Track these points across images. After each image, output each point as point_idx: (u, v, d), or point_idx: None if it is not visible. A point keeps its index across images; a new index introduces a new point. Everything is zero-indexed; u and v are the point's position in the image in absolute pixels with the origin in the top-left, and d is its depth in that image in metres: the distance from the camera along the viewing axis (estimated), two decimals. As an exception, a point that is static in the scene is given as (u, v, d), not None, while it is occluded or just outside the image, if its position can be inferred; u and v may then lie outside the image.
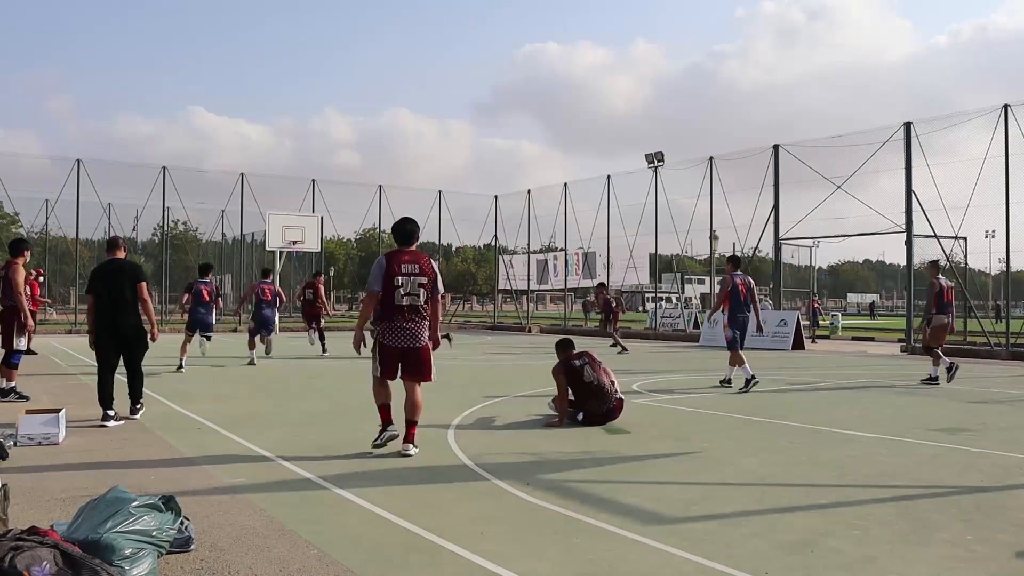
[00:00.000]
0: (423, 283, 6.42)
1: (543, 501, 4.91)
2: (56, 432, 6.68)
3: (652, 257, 30.43)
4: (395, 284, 6.33)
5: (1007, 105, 19.28)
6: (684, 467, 6.05)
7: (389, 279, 6.35)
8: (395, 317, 6.37)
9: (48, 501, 4.84)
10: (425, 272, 6.45)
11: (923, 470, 5.98)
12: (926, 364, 13.04)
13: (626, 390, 11.06)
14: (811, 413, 8.96)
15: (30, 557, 3.05)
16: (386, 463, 6.06)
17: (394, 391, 6.55)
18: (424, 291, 6.43)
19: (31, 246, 10.15)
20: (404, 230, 6.66)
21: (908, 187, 21.10)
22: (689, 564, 3.79)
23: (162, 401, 9.43)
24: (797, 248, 27.18)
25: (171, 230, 40.59)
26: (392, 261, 6.41)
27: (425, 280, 6.43)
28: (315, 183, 32.43)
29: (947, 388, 11.83)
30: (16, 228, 39.67)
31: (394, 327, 6.38)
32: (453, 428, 7.66)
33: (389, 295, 6.35)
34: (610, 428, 7.75)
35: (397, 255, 6.48)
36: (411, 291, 6.37)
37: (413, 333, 6.41)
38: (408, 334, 6.40)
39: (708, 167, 26.84)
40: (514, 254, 37.07)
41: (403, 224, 6.73)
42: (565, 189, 32.82)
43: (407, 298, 6.36)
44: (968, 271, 22.38)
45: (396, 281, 6.34)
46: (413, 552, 3.96)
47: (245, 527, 4.33)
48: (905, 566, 3.78)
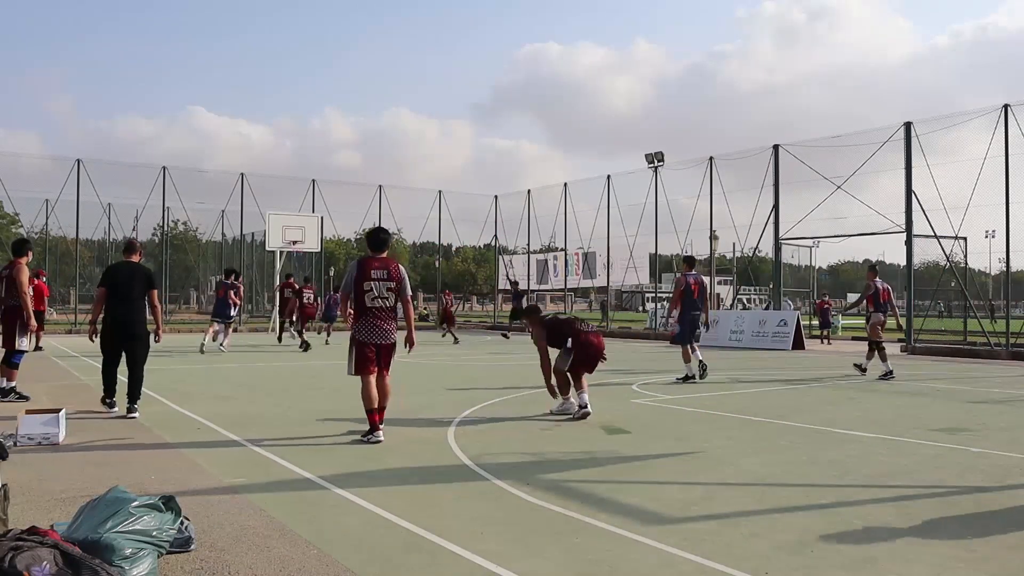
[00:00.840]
0: (391, 287, 7.07)
1: (543, 501, 4.91)
2: (56, 432, 6.69)
3: (652, 257, 30.44)
4: (364, 288, 6.99)
5: (1007, 105, 19.28)
6: (684, 467, 6.05)
7: (360, 283, 7.00)
8: (368, 317, 7.00)
9: (48, 501, 4.84)
10: (393, 277, 7.09)
11: (923, 470, 5.98)
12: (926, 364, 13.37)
13: (626, 390, 11.09)
14: (811, 413, 8.96)
15: (30, 557, 3.05)
16: (386, 463, 6.06)
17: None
18: (392, 294, 7.09)
19: (32, 246, 10.22)
20: (377, 238, 7.33)
21: (908, 187, 21.10)
22: (689, 564, 3.79)
23: (162, 401, 9.43)
24: (797, 248, 27.19)
25: (171, 230, 40.63)
26: (364, 266, 7.07)
27: (393, 284, 7.08)
28: (315, 183, 32.43)
29: (947, 388, 11.85)
30: (16, 228, 39.68)
31: (368, 326, 7.00)
32: (453, 428, 7.66)
33: (360, 297, 7.00)
34: (610, 428, 7.76)
35: (369, 261, 7.12)
36: (380, 294, 7.02)
37: (384, 331, 7.07)
38: (380, 332, 7.04)
39: (708, 167, 26.84)
40: (514, 254, 37.08)
41: (376, 233, 7.42)
42: (565, 189, 32.83)
43: (378, 300, 7.02)
44: (968, 271, 22.36)
45: (366, 285, 6.99)
46: (413, 552, 3.96)
47: (245, 527, 4.33)
48: (905, 566, 3.78)
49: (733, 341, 22.66)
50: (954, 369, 15.42)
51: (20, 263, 9.39)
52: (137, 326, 8.35)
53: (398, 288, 7.12)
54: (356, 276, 7.04)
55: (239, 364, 14.91)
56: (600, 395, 10.49)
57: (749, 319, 23.66)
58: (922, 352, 19.99)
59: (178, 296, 51.79)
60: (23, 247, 9.68)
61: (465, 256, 73.09)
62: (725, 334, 23.15)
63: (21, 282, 9.25)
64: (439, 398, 10.07)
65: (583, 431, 7.59)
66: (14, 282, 9.29)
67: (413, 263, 77.08)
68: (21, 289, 9.23)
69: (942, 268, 22.87)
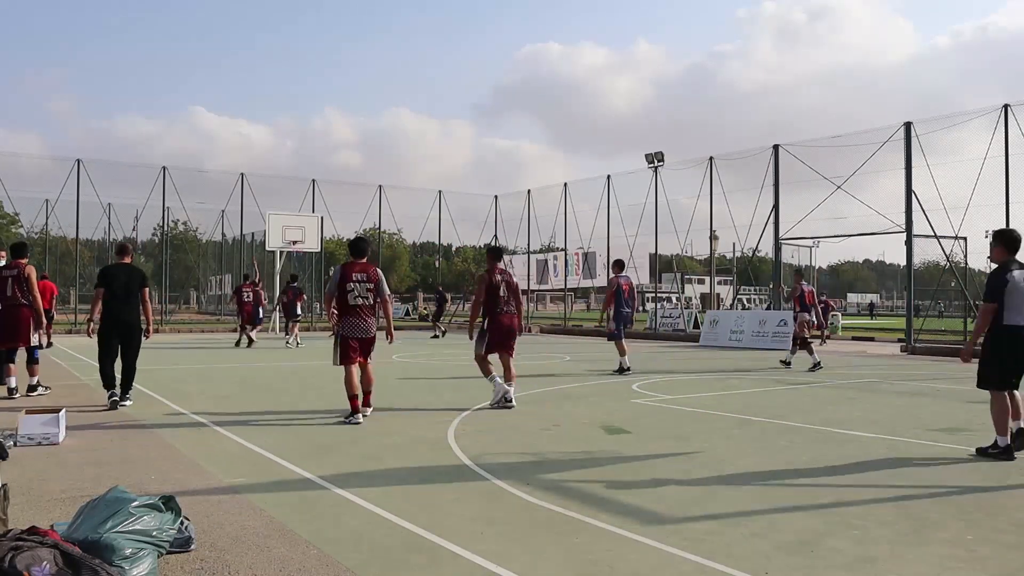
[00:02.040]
0: (370, 288, 8.15)
1: (543, 501, 4.91)
2: (56, 432, 6.69)
3: (652, 257, 30.43)
4: (347, 289, 8.06)
5: (1007, 105, 19.28)
6: (684, 467, 6.05)
7: (343, 285, 8.07)
8: (351, 314, 8.09)
9: (48, 501, 4.84)
10: (371, 279, 8.18)
11: (923, 470, 5.98)
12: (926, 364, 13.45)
13: (626, 390, 11.09)
14: (811, 413, 8.96)
15: (30, 557, 3.05)
16: (386, 463, 6.07)
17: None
18: (371, 294, 8.16)
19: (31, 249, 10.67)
20: (359, 247, 8.41)
21: (908, 187, 21.09)
22: (689, 564, 3.79)
23: (162, 401, 9.44)
24: (797, 248, 27.19)
25: (171, 230, 40.65)
26: (346, 271, 8.17)
27: (371, 285, 8.16)
28: (315, 183, 32.42)
29: (947, 388, 11.85)
30: (16, 228, 39.71)
31: (351, 323, 8.10)
32: (453, 428, 7.66)
33: (344, 297, 8.08)
34: (610, 428, 7.76)
35: (351, 266, 8.21)
36: (361, 295, 8.10)
37: (365, 327, 8.15)
38: (361, 327, 8.13)
39: (708, 167, 26.84)
40: (514, 254, 37.08)
41: (358, 242, 8.49)
42: (565, 189, 32.82)
43: (359, 299, 8.10)
44: (968, 271, 22.35)
45: (348, 287, 8.07)
46: (413, 552, 3.96)
47: (245, 527, 4.34)
48: (905, 566, 3.79)
49: (733, 341, 22.66)
50: (954, 369, 15.41)
51: (27, 265, 9.77)
52: (133, 324, 9.07)
53: (376, 289, 8.18)
54: (339, 279, 8.10)
55: (239, 364, 14.91)
56: (600, 395, 10.50)
57: (749, 319, 23.66)
58: (922, 352, 19.98)
59: (178, 296, 51.81)
60: (23, 250, 10.00)
61: (465, 256, 73.03)
62: (725, 334, 23.15)
63: (34, 283, 9.75)
64: (439, 398, 10.07)
65: (583, 431, 7.60)
66: (27, 282, 9.61)
67: (413, 263, 77.14)
68: (35, 290, 9.71)
69: (942, 268, 22.88)
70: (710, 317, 24.72)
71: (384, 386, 10.55)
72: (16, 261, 9.77)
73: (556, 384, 11.80)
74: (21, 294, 9.57)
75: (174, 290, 35.08)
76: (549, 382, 12.05)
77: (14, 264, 9.76)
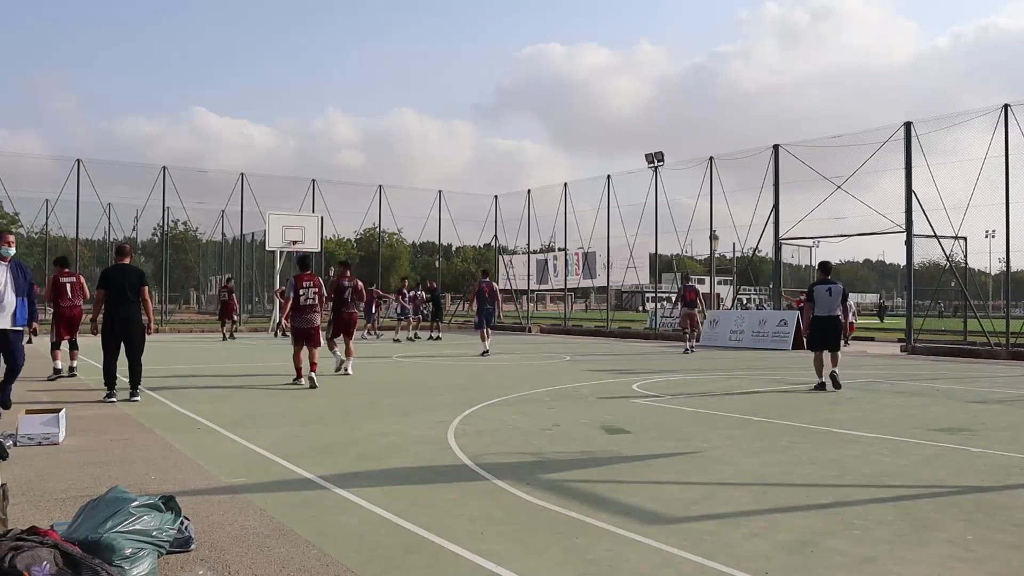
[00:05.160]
0: (316, 291, 11.49)
1: (543, 501, 4.91)
2: (56, 432, 6.69)
3: (652, 257, 30.39)
4: (299, 293, 11.36)
5: (1007, 105, 19.26)
6: (684, 467, 6.05)
7: (296, 290, 11.37)
8: (303, 312, 11.43)
9: (48, 501, 4.84)
10: (316, 286, 11.55)
11: (923, 470, 5.98)
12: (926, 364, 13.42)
13: (626, 390, 11.09)
14: (811, 413, 8.96)
15: (30, 557, 3.05)
16: (386, 463, 6.06)
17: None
18: (316, 296, 11.50)
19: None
20: (304, 263, 12.04)
21: (908, 187, 21.08)
22: (689, 564, 3.79)
23: (162, 401, 9.44)
24: (797, 248, 27.18)
25: (171, 230, 40.57)
26: (298, 281, 11.51)
27: (316, 289, 11.51)
28: (315, 183, 32.41)
29: (947, 388, 11.86)
30: (16, 228, 39.66)
31: (302, 318, 11.45)
32: (453, 428, 7.66)
33: (297, 300, 11.37)
34: (610, 428, 7.76)
35: (301, 277, 11.59)
36: (309, 297, 11.44)
37: (311, 320, 11.48)
38: (308, 320, 11.46)
39: (708, 167, 26.82)
40: (514, 254, 37.07)
41: (303, 259, 12.19)
42: (565, 189, 32.80)
43: (308, 300, 11.42)
44: (968, 271, 22.34)
45: (300, 292, 11.38)
46: (413, 552, 3.96)
47: (245, 527, 4.33)
48: (905, 566, 3.78)
49: (733, 341, 22.65)
50: (954, 369, 15.42)
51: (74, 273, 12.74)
52: (133, 321, 9.42)
53: (319, 292, 11.54)
54: (294, 287, 11.41)
55: (239, 364, 14.91)
56: (600, 395, 10.50)
57: (749, 319, 23.66)
58: (922, 352, 19.98)
59: (178, 296, 51.74)
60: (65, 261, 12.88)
61: (465, 256, 73.03)
62: (725, 334, 23.14)
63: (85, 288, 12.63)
64: (439, 398, 10.07)
65: (583, 431, 7.59)
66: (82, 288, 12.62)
67: (413, 263, 77.07)
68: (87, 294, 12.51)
69: (942, 268, 22.86)
70: (710, 317, 24.70)
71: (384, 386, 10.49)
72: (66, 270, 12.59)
73: (556, 384, 11.81)
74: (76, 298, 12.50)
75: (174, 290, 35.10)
76: (549, 382, 12.05)
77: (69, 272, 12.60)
